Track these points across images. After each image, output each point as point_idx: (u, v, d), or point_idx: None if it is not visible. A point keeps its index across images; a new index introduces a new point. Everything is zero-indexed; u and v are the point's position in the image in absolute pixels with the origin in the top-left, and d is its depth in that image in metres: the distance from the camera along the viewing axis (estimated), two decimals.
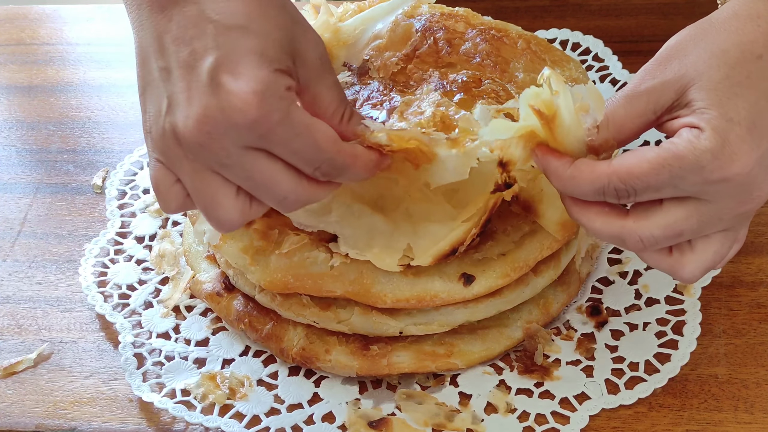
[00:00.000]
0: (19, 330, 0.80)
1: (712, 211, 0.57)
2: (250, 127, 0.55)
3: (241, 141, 0.56)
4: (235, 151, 0.56)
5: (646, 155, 0.56)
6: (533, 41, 0.79)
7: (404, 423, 0.70)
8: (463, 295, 0.69)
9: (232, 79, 0.55)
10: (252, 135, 0.56)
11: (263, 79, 0.55)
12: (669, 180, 0.56)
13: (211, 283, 0.78)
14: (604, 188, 0.57)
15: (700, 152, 0.55)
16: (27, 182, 0.93)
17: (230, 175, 0.57)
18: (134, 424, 0.72)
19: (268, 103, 0.55)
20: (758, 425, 0.68)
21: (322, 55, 0.60)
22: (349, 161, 0.59)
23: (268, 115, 0.55)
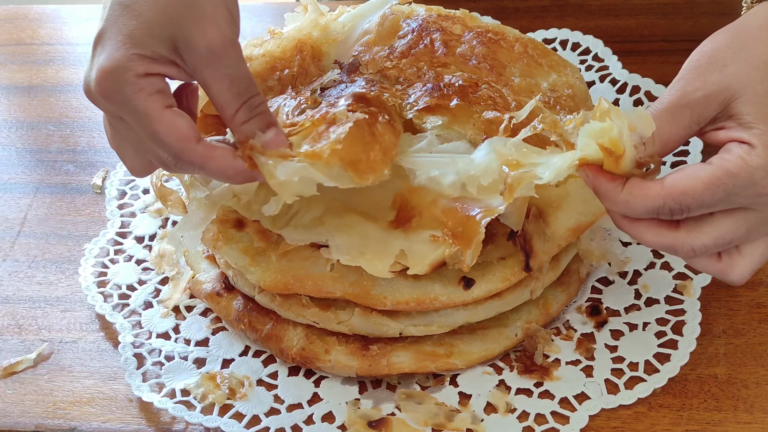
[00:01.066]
0: (19, 330, 0.80)
1: (760, 219, 0.59)
2: (105, 100, 0.60)
3: (108, 109, 0.61)
4: (110, 115, 0.62)
5: (700, 175, 0.57)
6: (530, 45, 0.79)
7: (404, 423, 0.70)
8: (462, 299, 0.69)
9: (100, 51, 0.60)
10: (109, 107, 0.60)
11: (116, 59, 0.59)
12: (723, 197, 0.57)
13: (211, 283, 0.78)
14: (658, 209, 0.58)
15: (753, 169, 0.56)
16: (27, 182, 0.93)
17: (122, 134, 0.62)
18: (134, 424, 0.72)
19: (114, 84, 0.59)
20: (758, 425, 0.68)
21: (214, 45, 0.60)
22: (198, 161, 0.60)
23: (113, 95, 0.59)
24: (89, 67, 0.61)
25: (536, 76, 0.77)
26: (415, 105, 0.71)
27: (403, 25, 0.78)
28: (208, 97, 0.62)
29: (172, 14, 0.60)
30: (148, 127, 0.59)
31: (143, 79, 0.59)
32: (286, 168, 0.62)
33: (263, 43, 0.79)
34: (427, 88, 0.72)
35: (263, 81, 0.77)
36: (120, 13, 0.60)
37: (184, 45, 0.60)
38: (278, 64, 0.77)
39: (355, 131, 0.64)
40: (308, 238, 0.69)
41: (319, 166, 0.62)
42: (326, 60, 0.78)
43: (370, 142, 0.65)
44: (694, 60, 0.60)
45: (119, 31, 0.59)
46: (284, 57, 0.77)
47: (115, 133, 0.63)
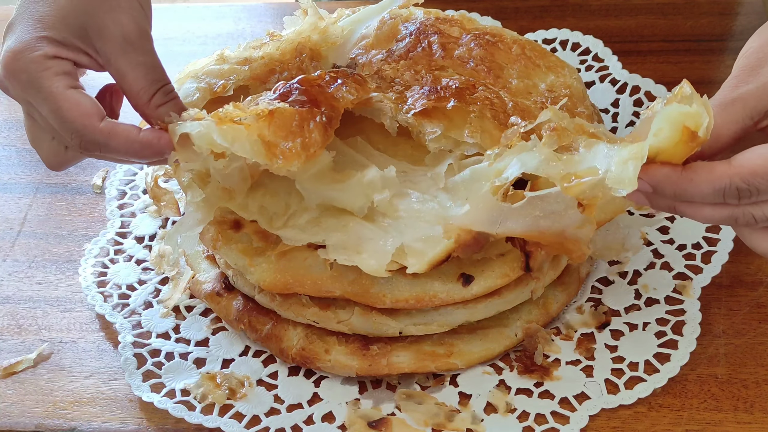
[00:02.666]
0: (19, 330, 0.80)
1: None
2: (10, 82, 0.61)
3: (17, 95, 0.62)
4: (19, 101, 0.62)
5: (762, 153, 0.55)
6: (528, 46, 0.79)
7: (404, 423, 0.70)
8: (462, 295, 0.69)
9: (9, 36, 0.62)
10: (16, 90, 0.61)
11: (23, 40, 0.60)
12: None
13: (211, 283, 0.78)
14: (725, 189, 0.56)
15: None
16: (27, 182, 0.93)
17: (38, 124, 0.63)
18: (134, 424, 0.72)
19: (20, 63, 0.60)
20: (758, 425, 0.68)
21: (129, 34, 0.62)
22: (102, 138, 0.61)
23: (18, 73, 0.60)
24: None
25: (534, 78, 0.77)
26: (413, 108, 0.71)
27: (401, 29, 0.79)
28: (120, 85, 0.63)
29: (85, 4, 0.62)
30: (52, 105, 0.61)
31: (51, 60, 0.61)
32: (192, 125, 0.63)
33: (262, 46, 0.79)
34: (424, 90, 0.72)
35: (262, 83, 0.77)
36: (33, 1, 0.62)
37: (98, 34, 0.62)
38: (277, 66, 0.77)
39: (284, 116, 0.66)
40: (305, 239, 0.69)
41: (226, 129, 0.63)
42: (324, 63, 0.78)
43: (295, 133, 0.66)
44: (744, 57, 0.59)
45: (30, 16, 0.61)
46: (283, 60, 0.77)
47: (32, 124, 0.64)
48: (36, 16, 0.61)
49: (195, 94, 0.75)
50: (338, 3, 1.10)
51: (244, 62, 0.77)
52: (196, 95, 0.74)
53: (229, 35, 1.06)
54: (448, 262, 0.68)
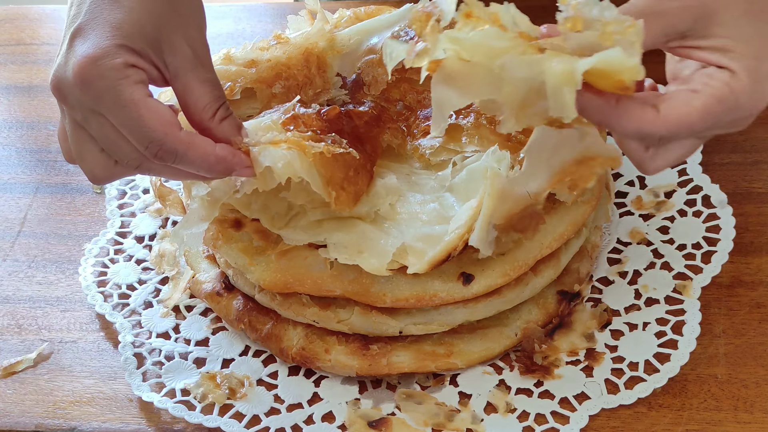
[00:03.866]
0: (19, 330, 0.80)
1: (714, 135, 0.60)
2: (82, 90, 0.58)
3: (82, 102, 0.59)
4: (82, 110, 0.60)
5: (694, 104, 0.57)
6: None
7: (404, 423, 0.70)
8: (462, 295, 0.69)
9: (81, 42, 0.59)
10: (86, 97, 0.58)
11: (102, 46, 0.58)
12: (711, 125, 0.58)
13: (211, 283, 0.78)
14: (648, 135, 0.58)
15: (738, 94, 0.57)
16: (27, 182, 0.93)
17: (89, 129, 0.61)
18: (134, 424, 0.72)
19: (98, 69, 0.58)
20: (758, 425, 0.68)
21: (198, 50, 0.62)
22: (181, 148, 0.60)
23: (95, 80, 0.58)
24: (62, 60, 0.60)
25: None
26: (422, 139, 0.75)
27: (401, 34, 0.79)
28: (185, 100, 0.62)
29: (159, 16, 0.60)
30: (132, 113, 0.59)
31: (129, 68, 0.59)
32: (277, 156, 0.63)
33: (269, 48, 0.79)
34: (427, 112, 0.75)
35: (268, 86, 0.77)
36: (106, 7, 0.60)
37: (169, 48, 0.61)
38: (283, 71, 0.78)
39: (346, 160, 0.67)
40: (306, 239, 0.69)
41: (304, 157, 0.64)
42: (330, 72, 0.79)
43: (350, 180, 0.68)
44: None
45: (106, 22, 0.59)
46: (290, 64, 0.78)
47: (79, 134, 0.62)
48: (112, 22, 0.59)
49: None
50: (339, 3, 1.10)
51: (250, 64, 0.77)
52: None
53: (229, 35, 1.06)
54: (449, 261, 0.68)
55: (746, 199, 0.83)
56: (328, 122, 0.69)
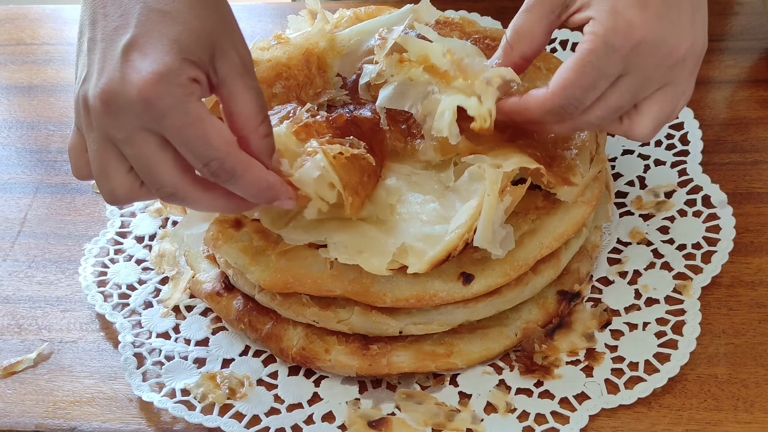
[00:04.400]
0: (19, 330, 0.80)
1: (639, 78, 0.63)
2: (144, 107, 0.56)
3: (136, 119, 0.57)
4: (130, 128, 0.58)
5: (568, 65, 0.62)
6: None
7: (404, 423, 0.70)
8: (462, 294, 0.70)
9: (140, 57, 0.57)
10: (146, 115, 0.57)
11: (167, 63, 0.57)
12: (597, 73, 0.62)
13: (211, 283, 0.78)
14: (553, 109, 0.63)
15: (603, 36, 0.61)
16: (27, 182, 0.93)
17: (124, 150, 0.59)
18: (134, 424, 0.72)
19: (165, 86, 0.56)
20: (758, 425, 0.68)
21: (245, 58, 0.61)
22: (240, 168, 0.59)
23: (161, 98, 0.56)
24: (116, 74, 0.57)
25: (535, 80, 0.77)
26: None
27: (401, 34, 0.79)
28: (229, 108, 0.61)
29: (211, 24, 0.60)
30: (198, 130, 0.57)
31: (193, 83, 0.58)
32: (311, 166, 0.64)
33: (270, 48, 0.79)
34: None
35: (269, 86, 0.77)
36: (158, 19, 0.58)
37: (220, 54, 0.60)
38: (284, 71, 0.78)
39: (361, 166, 0.68)
40: (307, 239, 0.69)
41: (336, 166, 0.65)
42: (330, 72, 0.79)
43: (365, 185, 0.69)
44: None
45: (163, 35, 0.58)
46: (290, 65, 0.78)
47: (108, 152, 0.59)
48: (170, 35, 0.58)
49: None
50: (339, 3, 1.10)
51: None
52: None
53: None
54: (449, 261, 0.68)
55: (746, 199, 0.83)
56: (338, 129, 0.69)
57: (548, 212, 0.72)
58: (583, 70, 0.62)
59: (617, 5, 0.61)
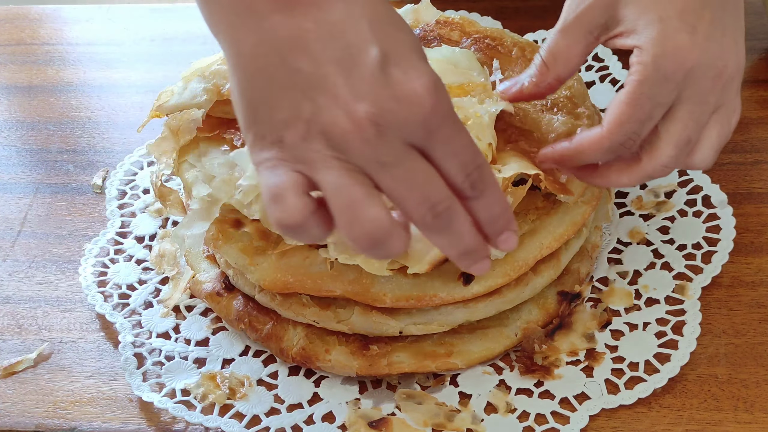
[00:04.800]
0: (19, 330, 0.80)
1: (696, 103, 0.61)
2: (424, 121, 0.52)
3: (409, 137, 0.52)
4: (400, 148, 0.52)
5: (621, 99, 0.60)
6: (528, 49, 0.79)
7: (404, 423, 0.70)
8: (462, 295, 0.70)
9: (402, 71, 0.52)
10: (422, 130, 0.52)
11: (431, 72, 0.53)
12: (651, 103, 0.60)
13: (211, 283, 0.78)
14: (612, 146, 0.61)
15: (653, 64, 0.59)
16: (27, 182, 0.93)
17: (385, 176, 0.52)
18: (134, 424, 0.72)
19: (440, 96, 0.52)
20: (758, 425, 0.68)
21: None
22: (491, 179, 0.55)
23: (440, 108, 0.52)
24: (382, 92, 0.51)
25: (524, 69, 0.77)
26: None
27: None
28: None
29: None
30: (467, 137, 0.53)
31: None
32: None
33: None
34: None
35: None
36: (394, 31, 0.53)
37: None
38: None
39: None
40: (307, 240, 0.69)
41: None
42: None
43: None
44: None
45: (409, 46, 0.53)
46: None
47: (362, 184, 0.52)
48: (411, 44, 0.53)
49: (203, 95, 0.75)
50: None
51: None
52: (204, 96, 0.75)
53: None
54: (449, 261, 0.68)
55: (746, 199, 0.83)
56: None
57: (548, 213, 0.72)
58: (638, 101, 0.59)
59: (666, 30, 0.59)
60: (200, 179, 0.73)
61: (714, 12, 0.60)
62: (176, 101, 0.76)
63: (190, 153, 0.76)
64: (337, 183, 0.52)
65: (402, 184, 0.52)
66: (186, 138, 0.75)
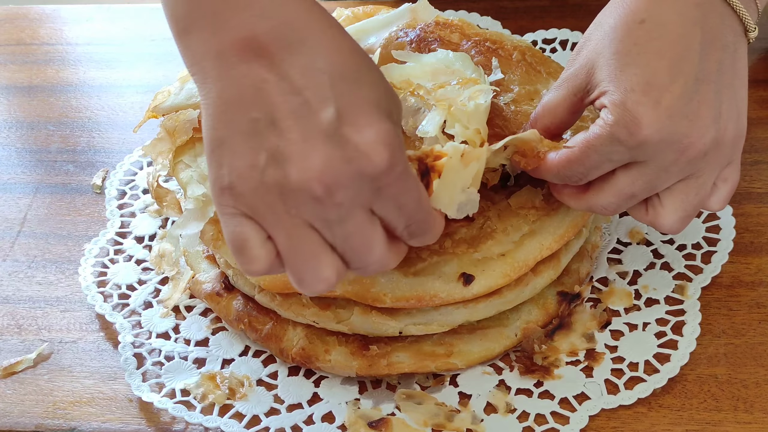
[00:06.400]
0: (19, 330, 0.80)
1: (654, 169, 0.62)
2: (374, 179, 0.53)
3: (359, 195, 0.53)
4: (348, 206, 0.53)
5: (577, 141, 0.63)
6: (528, 52, 0.79)
7: (404, 423, 0.70)
8: (462, 295, 0.69)
9: (355, 130, 0.53)
10: (372, 188, 0.54)
11: (387, 130, 0.53)
12: (600, 158, 0.62)
13: (211, 283, 0.78)
14: (562, 176, 0.65)
15: (610, 128, 0.61)
16: (27, 182, 0.93)
17: (332, 232, 0.54)
18: (134, 424, 0.72)
19: (395, 154, 0.53)
20: (758, 425, 0.68)
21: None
22: (431, 224, 0.58)
23: (394, 167, 0.53)
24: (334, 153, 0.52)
25: (535, 83, 0.77)
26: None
27: (401, 35, 0.79)
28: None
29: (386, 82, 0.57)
30: (415, 193, 0.56)
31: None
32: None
33: None
34: None
35: None
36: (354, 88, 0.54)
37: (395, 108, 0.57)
38: None
39: None
40: None
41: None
42: None
43: None
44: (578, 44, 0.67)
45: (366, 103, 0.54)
46: None
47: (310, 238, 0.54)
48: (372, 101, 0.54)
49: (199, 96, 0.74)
50: (337, 3, 1.10)
51: None
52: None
53: None
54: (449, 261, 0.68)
55: (746, 199, 0.83)
56: None
57: (548, 213, 0.72)
58: (587, 152, 0.62)
59: (627, 99, 0.60)
60: (195, 179, 0.73)
61: (686, 86, 0.60)
62: (172, 102, 0.76)
63: (186, 153, 0.76)
64: (286, 241, 0.54)
65: (345, 241, 0.55)
66: (182, 138, 0.75)
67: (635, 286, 0.77)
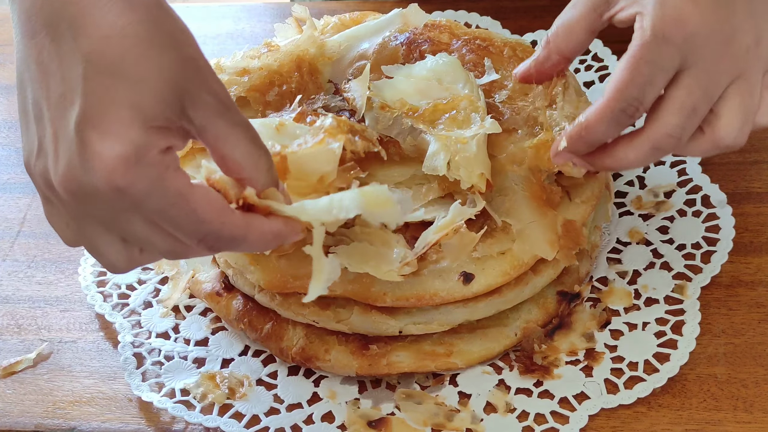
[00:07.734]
0: (19, 330, 0.80)
1: (704, 70, 0.59)
2: (116, 196, 0.50)
3: (112, 206, 0.50)
4: (109, 212, 0.51)
5: (620, 66, 0.60)
6: (519, 48, 0.79)
7: (403, 422, 0.70)
8: (462, 294, 0.70)
9: (98, 137, 0.49)
10: (120, 203, 0.50)
11: (133, 140, 0.49)
12: (651, 68, 0.59)
13: (211, 282, 0.78)
14: (614, 115, 0.60)
15: (652, 28, 0.58)
16: (27, 182, 0.93)
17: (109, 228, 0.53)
18: (134, 424, 0.72)
19: (135, 171, 0.49)
20: (757, 425, 0.68)
21: (221, 94, 0.53)
22: (239, 234, 0.53)
23: (133, 185, 0.49)
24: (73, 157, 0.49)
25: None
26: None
27: (391, 39, 0.79)
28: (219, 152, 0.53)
29: (174, 71, 0.51)
30: (184, 208, 0.51)
31: (166, 155, 0.50)
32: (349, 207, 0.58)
33: (261, 56, 0.79)
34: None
35: (262, 95, 0.78)
36: (108, 82, 0.49)
37: (191, 102, 0.51)
38: (276, 79, 0.78)
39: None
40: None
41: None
42: (322, 78, 0.79)
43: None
44: None
45: (119, 104, 0.49)
46: (282, 72, 0.78)
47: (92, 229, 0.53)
48: (127, 101, 0.49)
49: None
50: (337, 3, 1.10)
51: (242, 73, 0.78)
52: None
53: (229, 35, 1.06)
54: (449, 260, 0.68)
55: (745, 199, 0.83)
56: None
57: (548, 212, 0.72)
58: (637, 66, 0.59)
59: None
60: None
61: None
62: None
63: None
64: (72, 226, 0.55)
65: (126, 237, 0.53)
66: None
67: (635, 285, 0.77)
